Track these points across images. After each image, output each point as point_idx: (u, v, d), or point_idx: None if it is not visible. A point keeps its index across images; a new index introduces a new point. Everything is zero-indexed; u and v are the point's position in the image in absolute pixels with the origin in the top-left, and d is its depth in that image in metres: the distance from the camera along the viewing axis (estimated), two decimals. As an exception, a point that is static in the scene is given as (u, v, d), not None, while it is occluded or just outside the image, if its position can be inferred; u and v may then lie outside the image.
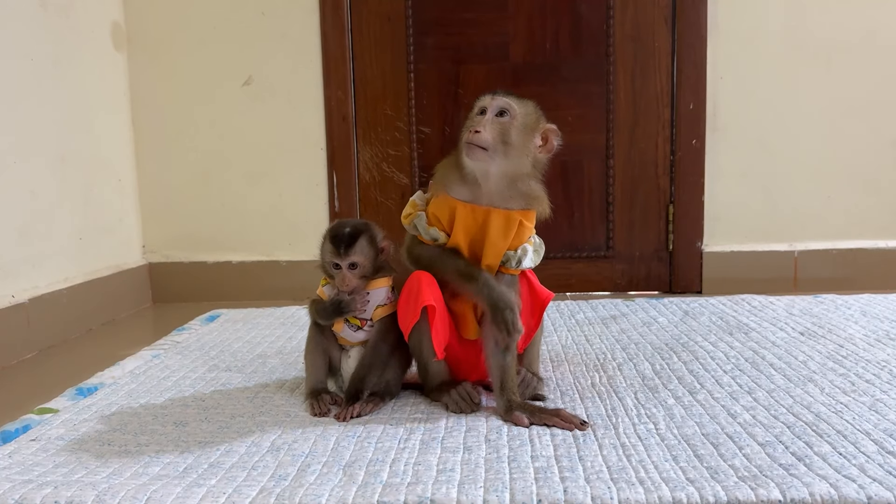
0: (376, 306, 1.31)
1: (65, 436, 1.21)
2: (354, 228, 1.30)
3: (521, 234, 1.29)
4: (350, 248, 1.27)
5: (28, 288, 1.91)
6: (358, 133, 2.43)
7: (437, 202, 1.30)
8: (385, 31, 2.40)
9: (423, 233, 1.30)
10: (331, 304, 1.30)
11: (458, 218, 1.27)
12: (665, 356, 1.56)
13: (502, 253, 1.29)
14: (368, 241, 1.29)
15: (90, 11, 2.24)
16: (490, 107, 1.26)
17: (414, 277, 1.27)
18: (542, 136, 1.28)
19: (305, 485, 1.00)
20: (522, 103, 1.28)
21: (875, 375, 1.38)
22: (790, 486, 0.93)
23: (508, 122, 1.25)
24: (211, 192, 2.48)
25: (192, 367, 1.59)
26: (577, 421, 1.18)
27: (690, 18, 2.33)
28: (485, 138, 1.22)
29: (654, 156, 2.40)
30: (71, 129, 2.12)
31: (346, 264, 1.28)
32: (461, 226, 1.27)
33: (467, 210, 1.27)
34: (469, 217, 1.27)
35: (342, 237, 1.28)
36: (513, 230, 1.27)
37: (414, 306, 1.25)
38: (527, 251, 1.30)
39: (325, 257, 1.30)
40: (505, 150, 1.24)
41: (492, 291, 1.24)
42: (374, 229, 1.32)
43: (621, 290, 2.45)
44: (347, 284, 1.28)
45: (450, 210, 1.28)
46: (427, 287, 1.25)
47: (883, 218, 2.38)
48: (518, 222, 1.27)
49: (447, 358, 1.32)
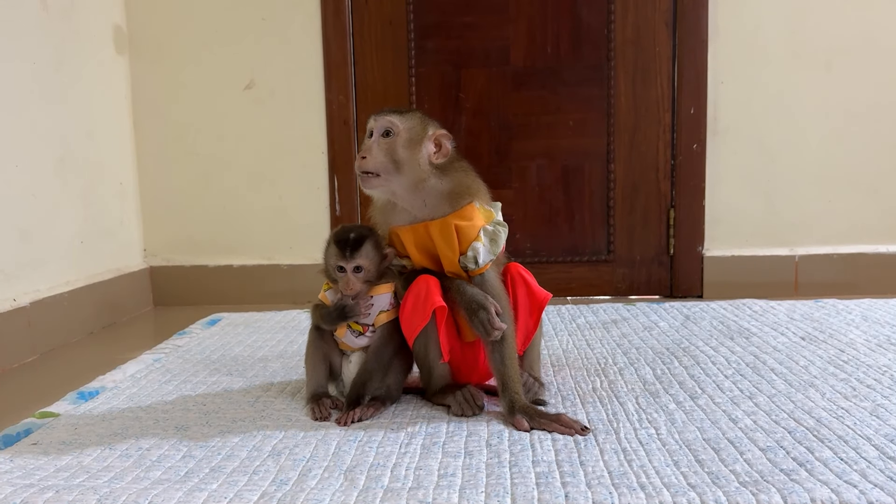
0: (379, 311, 1.31)
1: (66, 440, 1.21)
2: (359, 233, 1.30)
3: (466, 235, 1.26)
4: (355, 252, 1.27)
5: (29, 291, 1.91)
6: (359, 137, 2.44)
7: (389, 235, 1.33)
8: (386, 35, 2.40)
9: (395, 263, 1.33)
10: (335, 308, 1.30)
11: (407, 242, 1.30)
12: (666, 361, 1.56)
13: (456, 260, 1.27)
14: (373, 245, 1.30)
15: (92, 15, 2.25)
16: (375, 128, 1.27)
17: (421, 281, 1.27)
18: (435, 143, 1.28)
19: (307, 489, 1.00)
20: (406, 117, 1.28)
21: (876, 380, 1.38)
22: (791, 491, 0.93)
23: (393, 140, 1.26)
24: (212, 196, 2.48)
25: (194, 371, 1.60)
26: (578, 426, 1.18)
27: (691, 22, 2.34)
28: (372, 164, 1.25)
29: (655, 160, 2.40)
30: (72, 133, 2.13)
31: (351, 268, 1.28)
32: (415, 247, 1.30)
33: (411, 232, 1.29)
34: (416, 236, 1.29)
35: (347, 241, 1.28)
36: (453, 235, 1.26)
37: (423, 309, 1.25)
38: (477, 249, 1.26)
39: (330, 261, 1.30)
40: (396, 168, 1.25)
41: (463, 295, 1.25)
42: (377, 234, 1.33)
43: (622, 294, 2.45)
44: (352, 288, 1.28)
45: (397, 238, 1.31)
46: (435, 289, 1.25)
47: (884, 222, 2.38)
48: (452, 226, 1.26)
49: (449, 361, 1.32)
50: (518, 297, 1.33)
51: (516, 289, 1.33)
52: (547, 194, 2.44)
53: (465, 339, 1.33)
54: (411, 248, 1.30)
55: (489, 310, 1.23)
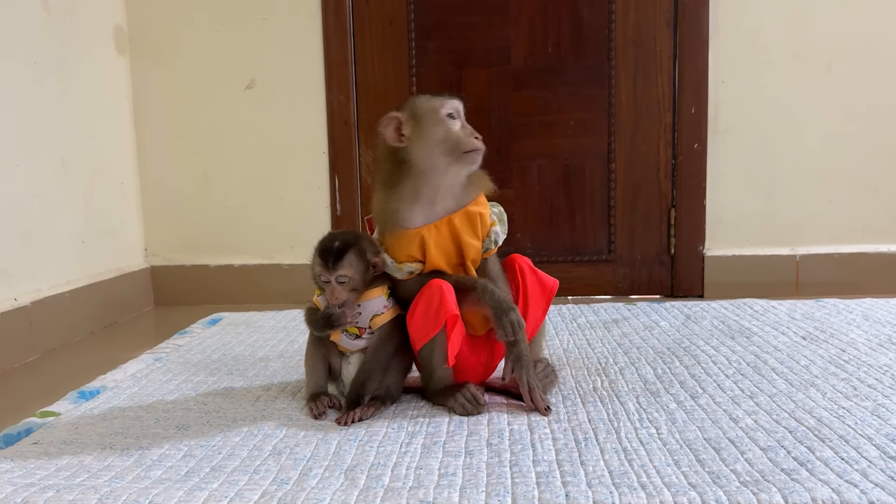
0: (373, 315, 1.30)
1: (67, 439, 1.21)
2: (343, 242, 1.27)
3: (486, 221, 1.31)
4: (338, 263, 1.25)
5: (30, 291, 1.92)
6: (360, 136, 2.44)
7: (398, 241, 1.28)
8: (387, 35, 2.41)
9: (399, 273, 1.30)
10: (321, 317, 1.29)
11: (430, 243, 1.27)
12: (667, 360, 1.56)
13: (480, 247, 1.31)
14: (357, 254, 1.27)
15: (93, 15, 2.25)
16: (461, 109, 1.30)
17: (434, 287, 1.25)
18: None
19: (307, 489, 1.00)
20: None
21: (877, 380, 1.38)
22: (792, 490, 0.93)
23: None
24: (213, 196, 2.48)
25: (194, 371, 1.60)
26: (542, 406, 1.24)
27: (692, 22, 2.34)
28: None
29: (656, 159, 2.40)
30: (73, 133, 2.13)
31: (334, 278, 1.27)
32: (436, 249, 1.28)
33: (434, 229, 1.28)
34: (438, 236, 1.28)
35: (330, 251, 1.26)
36: (478, 223, 1.29)
37: (435, 318, 1.24)
38: (497, 233, 1.32)
39: (315, 270, 1.29)
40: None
41: (492, 296, 1.25)
42: (364, 242, 1.29)
43: (623, 293, 2.45)
44: (337, 298, 1.27)
45: (419, 241, 1.28)
46: (449, 295, 1.24)
47: (885, 222, 2.38)
48: (476, 215, 1.29)
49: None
50: (528, 285, 1.33)
51: (525, 278, 1.34)
52: (548, 194, 2.44)
53: (474, 334, 1.33)
54: (432, 249, 1.28)
55: (517, 310, 1.25)
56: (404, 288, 1.32)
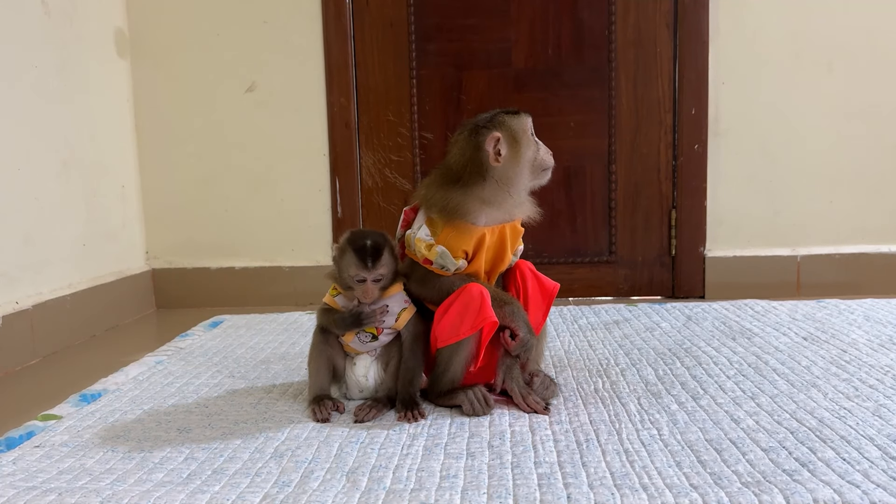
0: (400, 311, 1.31)
1: (68, 442, 1.21)
2: (375, 240, 1.27)
3: (519, 234, 1.36)
4: (377, 261, 1.26)
5: (32, 294, 1.92)
6: (360, 139, 2.44)
7: (460, 234, 1.28)
8: (387, 38, 2.41)
9: (452, 265, 1.29)
10: (350, 315, 1.29)
11: (485, 244, 1.29)
12: (668, 361, 1.56)
13: (510, 259, 1.36)
14: (390, 252, 1.29)
15: (94, 19, 2.25)
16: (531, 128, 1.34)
17: (475, 290, 1.25)
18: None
19: (309, 491, 1.00)
20: None
21: (878, 381, 1.38)
22: (794, 491, 0.93)
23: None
24: (214, 198, 2.48)
25: (196, 374, 1.60)
26: (541, 407, 1.27)
27: (692, 23, 2.34)
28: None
29: (657, 161, 2.40)
30: (74, 136, 2.13)
31: (373, 277, 1.27)
32: (487, 251, 1.30)
33: (496, 231, 1.31)
34: (491, 240, 1.30)
35: (368, 250, 1.26)
36: (518, 237, 1.35)
37: (472, 321, 1.24)
38: (520, 250, 1.39)
39: (349, 271, 1.27)
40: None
41: (523, 318, 1.29)
42: (390, 239, 1.32)
43: (624, 295, 2.45)
44: (371, 296, 1.27)
45: (477, 238, 1.29)
46: (489, 301, 1.25)
47: (886, 222, 2.38)
48: (518, 229, 1.35)
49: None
50: (529, 290, 1.35)
51: (527, 282, 1.36)
52: (549, 196, 2.43)
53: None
54: (484, 250, 1.29)
55: (534, 335, 1.30)
56: (428, 285, 1.32)
